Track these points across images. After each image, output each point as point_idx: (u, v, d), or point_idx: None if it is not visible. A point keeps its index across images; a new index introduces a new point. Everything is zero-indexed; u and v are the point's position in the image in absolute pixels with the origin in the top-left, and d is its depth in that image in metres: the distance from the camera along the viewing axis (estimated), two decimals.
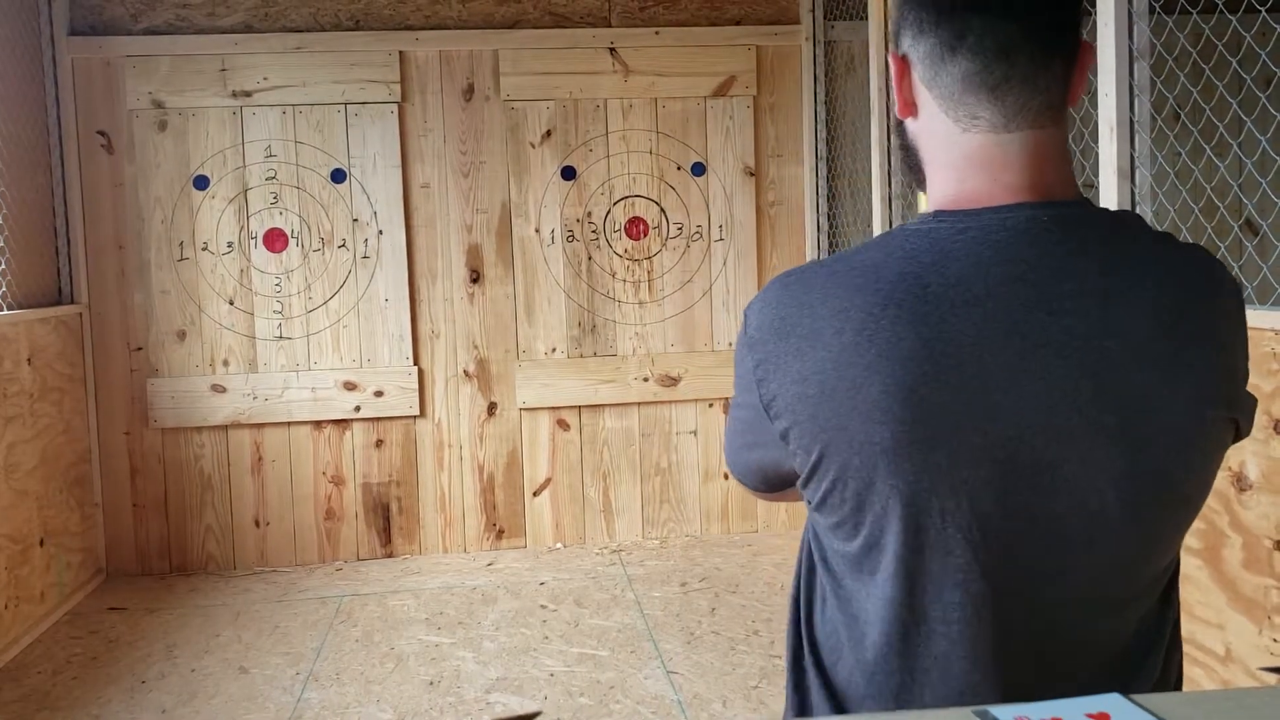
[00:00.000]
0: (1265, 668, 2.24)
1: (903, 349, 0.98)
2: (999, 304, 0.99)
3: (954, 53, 1.02)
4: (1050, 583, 1.05)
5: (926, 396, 0.98)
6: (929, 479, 1.00)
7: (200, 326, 4.98)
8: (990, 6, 1.01)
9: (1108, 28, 2.76)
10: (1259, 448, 2.26)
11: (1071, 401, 0.98)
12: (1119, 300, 1.00)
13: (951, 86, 1.04)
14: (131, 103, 4.90)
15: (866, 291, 1.01)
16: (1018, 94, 1.02)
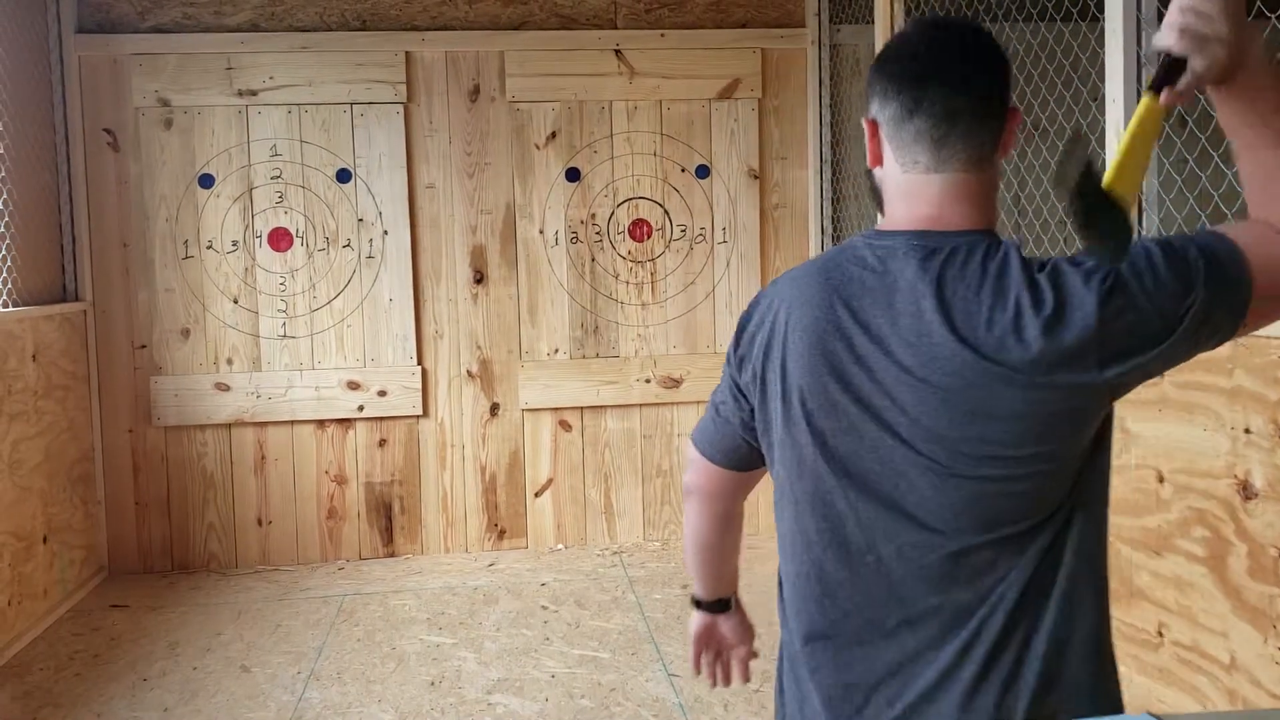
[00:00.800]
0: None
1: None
2: (870, 299, 1.30)
3: (912, 115, 1.30)
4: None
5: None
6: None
7: (204, 325, 4.99)
8: (942, 81, 1.29)
9: (1115, 34, 2.76)
10: (1265, 457, 2.26)
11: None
12: (938, 307, 1.25)
13: (906, 139, 1.32)
14: (138, 100, 4.91)
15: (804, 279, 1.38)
16: (954, 146, 1.30)
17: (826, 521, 1.37)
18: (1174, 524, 2.57)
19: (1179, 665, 2.57)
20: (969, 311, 1.24)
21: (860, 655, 1.37)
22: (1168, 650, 2.61)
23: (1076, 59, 3.36)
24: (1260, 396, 2.27)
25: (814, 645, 1.43)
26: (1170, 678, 2.60)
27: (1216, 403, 2.40)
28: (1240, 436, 2.33)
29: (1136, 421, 2.69)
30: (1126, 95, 2.74)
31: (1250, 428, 2.30)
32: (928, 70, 1.30)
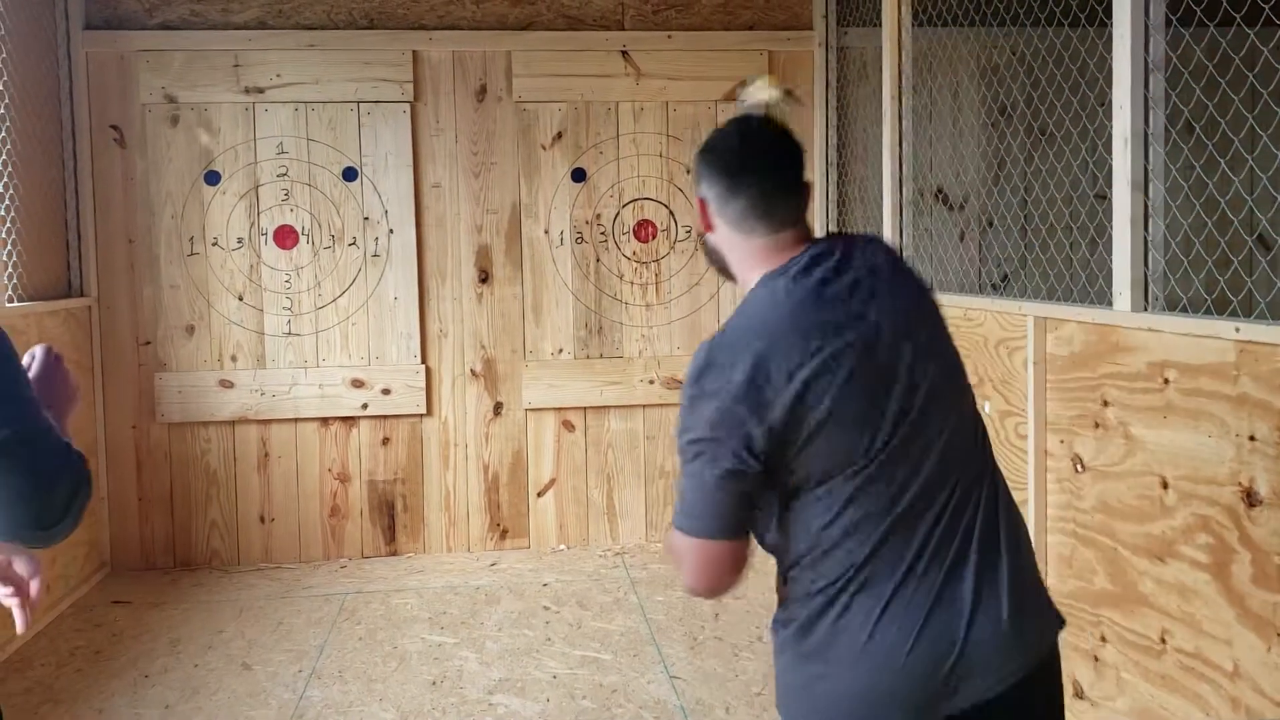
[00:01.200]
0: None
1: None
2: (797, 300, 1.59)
3: (735, 196, 1.66)
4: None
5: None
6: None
7: (209, 322, 4.99)
8: (755, 171, 1.65)
9: (1124, 40, 2.75)
10: (1270, 464, 2.25)
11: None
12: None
13: (735, 215, 1.67)
14: (144, 97, 4.91)
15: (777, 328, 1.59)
16: (777, 216, 1.65)
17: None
18: (1178, 530, 2.56)
19: (1182, 672, 2.56)
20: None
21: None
22: (1171, 657, 2.60)
23: (1084, 64, 3.36)
24: (1266, 404, 2.26)
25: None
26: (1173, 685, 2.59)
27: (1221, 409, 2.40)
28: (1245, 443, 2.32)
29: (1141, 427, 2.69)
30: (1134, 101, 2.74)
31: (1255, 435, 2.29)
32: (756, 170, 1.66)
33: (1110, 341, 2.82)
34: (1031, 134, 4.09)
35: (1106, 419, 2.84)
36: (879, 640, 1.56)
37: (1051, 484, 3.15)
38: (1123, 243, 2.78)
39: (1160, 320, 2.62)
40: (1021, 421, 3.28)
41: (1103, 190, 2.96)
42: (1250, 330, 2.30)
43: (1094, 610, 2.93)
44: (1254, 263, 3.99)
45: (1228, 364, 2.37)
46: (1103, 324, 2.85)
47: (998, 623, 1.58)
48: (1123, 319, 2.76)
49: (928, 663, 1.54)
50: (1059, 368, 3.10)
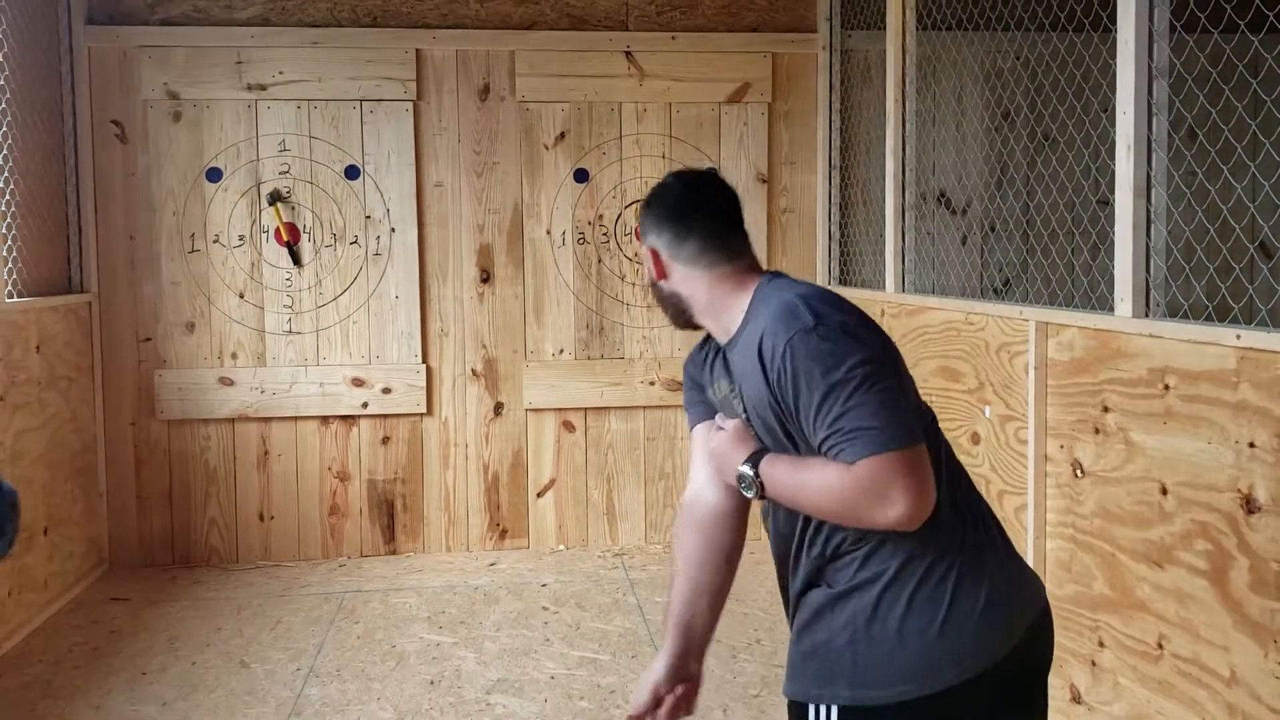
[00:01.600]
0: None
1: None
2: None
3: (687, 237, 1.81)
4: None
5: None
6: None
7: (209, 319, 4.99)
8: (705, 209, 1.83)
9: (1127, 45, 2.75)
10: (1268, 471, 2.25)
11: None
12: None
13: (692, 253, 1.81)
14: (146, 93, 4.91)
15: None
16: (732, 246, 1.82)
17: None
18: (1176, 536, 2.56)
19: (1179, 678, 2.56)
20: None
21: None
22: (1168, 662, 2.60)
23: (1088, 69, 3.36)
24: (1266, 411, 2.26)
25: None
26: (1170, 690, 2.59)
27: (1222, 416, 2.40)
28: (1245, 450, 2.32)
29: (1140, 433, 2.69)
30: (1137, 107, 2.73)
31: (1255, 441, 2.29)
32: (704, 211, 1.84)
33: (1111, 347, 2.82)
34: (1034, 139, 4.09)
35: (1106, 424, 2.84)
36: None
37: (1051, 489, 3.15)
38: (1124, 248, 2.78)
39: (1161, 326, 2.62)
40: (1022, 426, 3.28)
41: (1105, 195, 2.96)
42: (1251, 337, 2.30)
43: (1092, 615, 2.93)
44: (1255, 270, 3.99)
45: (1228, 371, 2.37)
46: (1104, 329, 2.85)
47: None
48: (1124, 325, 2.76)
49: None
50: (1060, 373, 3.10)
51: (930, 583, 1.66)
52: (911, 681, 1.64)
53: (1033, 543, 3.20)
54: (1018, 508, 3.32)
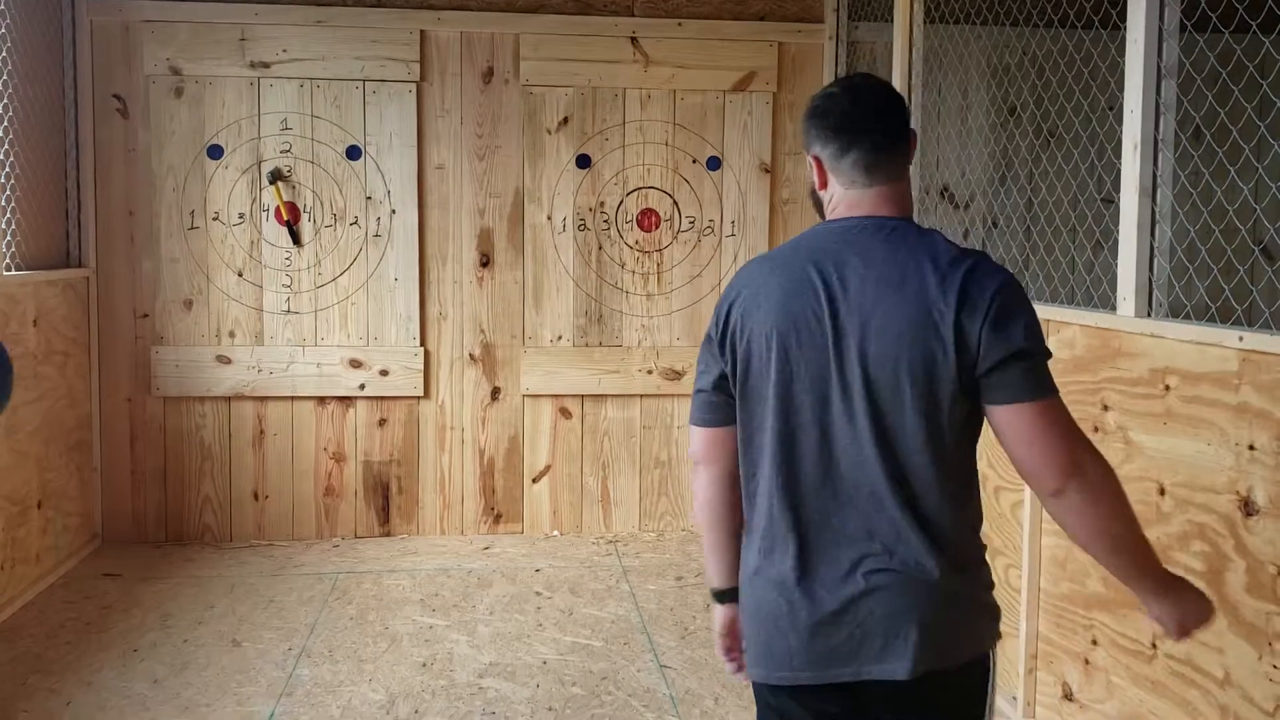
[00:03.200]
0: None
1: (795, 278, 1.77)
2: (821, 265, 1.74)
3: (845, 156, 1.80)
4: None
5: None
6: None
7: (208, 296, 4.97)
8: (863, 134, 1.78)
9: (1137, 44, 2.74)
10: (1267, 473, 2.25)
11: (846, 307, 1.71)
12: (866, 263, 1.72)
13: (845, 171, 1.80)
14: (149, 68, 4.89)
15: (774, 268, 1.81)
16: (878, 171, 1.79)
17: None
18: (1173, 537, 2.56)
19: (1172, 678, 2.56)
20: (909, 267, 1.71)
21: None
22: (1161, 662, 2.60)
23: (1096, 67, 3.34)
24: (1266, 413, 2.26)
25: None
26: (1163, 690, 2.60)
27: (1222, 418, 2.39)
28: (1244, 452, 2.32)
29: (1140, 433, 2.68)
30: (1145, 106, 2.72)
31: (1255, 444, 2.29)
32: (855, 123, 1.80)
33: (1112, 346, 2.81)
34: (1040, 135, 4.08)
35: (1106, 423, 2.84)
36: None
37: None
38: (1128, 247, 2.77)
39: (1163, 326, 2.62)
40: None
41: (1109, 194, 2.95)
42: (1254, 340, 2.30)
43: (1086, 613, 2.94)
44: (1259, 272, 3.98)
45: (1230, 372, 2.37)
46: (1105, 328, 2.85)
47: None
48: (1126, 324, 2.76)
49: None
50: (1060, 371, 3.08)
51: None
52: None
53: (1028, 540, 3.20)
54: (1014, 504, 3.32)
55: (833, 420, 1.71)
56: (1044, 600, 3.18)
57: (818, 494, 1.73)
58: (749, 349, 1.77)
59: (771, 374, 1.74)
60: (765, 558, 1.77)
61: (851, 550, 1.71)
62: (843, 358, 1.69)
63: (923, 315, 1.66)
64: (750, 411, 1.78)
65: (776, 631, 1.75)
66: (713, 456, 1.88)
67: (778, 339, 1.73)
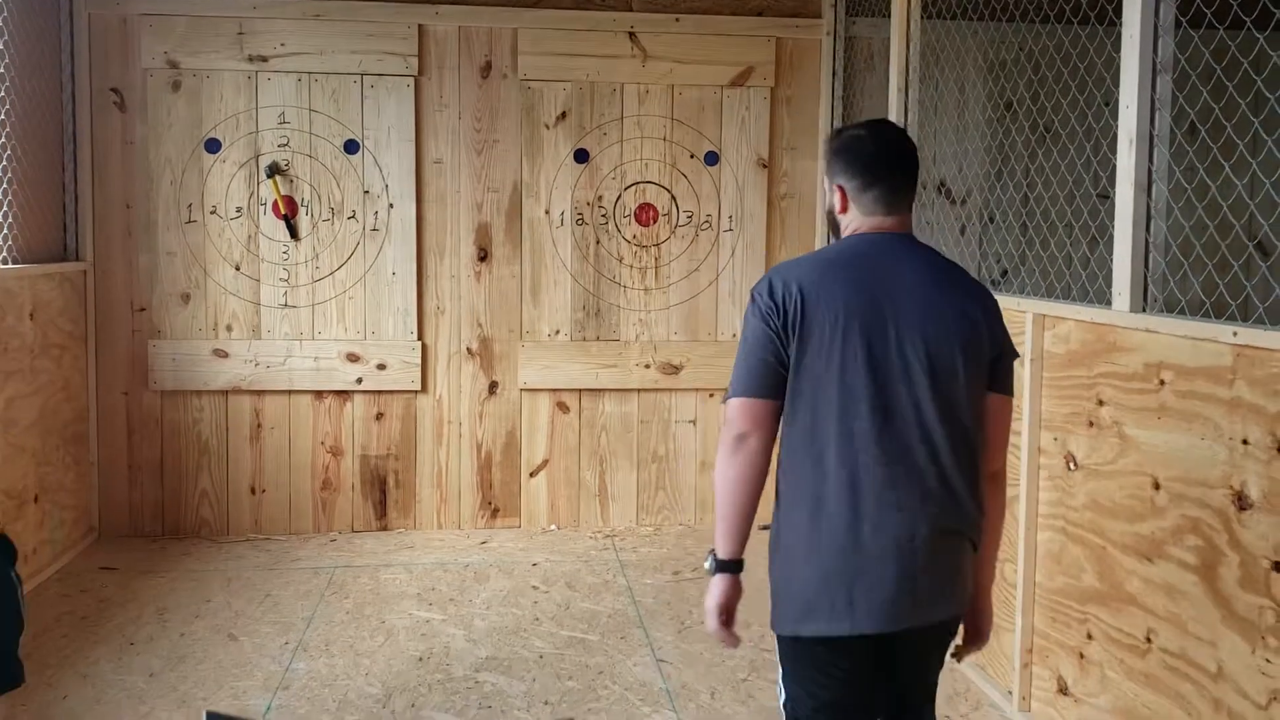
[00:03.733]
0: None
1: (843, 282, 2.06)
2: (875, 263, 2.09)
3: (867, 191, 2.14)
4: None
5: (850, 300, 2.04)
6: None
7: (205, 290, 4.97)
8: (888, 171, 2.13)
9: (1132, 40, 2.74)
10: (1261, 468, 2.26)
11: (905, 296, 2.05)
12: (912, 266, 2.10)
13: (866, 204, 2.15)
14: (146, 61, 4.88)
15: (823, 267, 2.11)
16: (895, 206, 2.15)
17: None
18: (1168, 531, 2.57)
19: (1166, 672, 2.57)
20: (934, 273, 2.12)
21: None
22: (1155, 656, 2.61)
23: (1091, 63, 3.35)
24: (1260, 408, 2.26)
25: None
26: (1156, 684, 2.61)
27: (1216, 412, 2.40)
28: (1238, 447, 2.33)
29: (1135, 428, 2.69)
30: (1140, 101, 2.73)
31: (1248, 439, 2.30)
32: (878, 165, 2.14)
33: (1107, 341, 2.82)
34: (1036, 131, 4.09)
35: (1101, 418, 2.85)
36: None
37: (1043, 481, 3.16)
38: (1124, 243, 2.78)
39: (1158, 321, 2.63)
40: (1015, 418, 3.28)
41: (1105, 189, 2.95)
42: (1248, 335, 2.30)
43: (1081, 607, 2.94)
44: (1253, 268, 3.99)
45: (1224, 367, 2.37)
46: (1100, 323, 2.85)
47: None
48: (1121, 319, 2.77)
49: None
50: (1055, 365, 3.10)
51: None
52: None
53: (1024, 534, 3.21)
54: (1010, 499, 3.32)
55: (897, 392, 1.99)
56: (1039, 595, 3.19)
57: (879, 459, 1.97)
58: (819, 333, 2.00)
59: (837, 354, 1.99)
60: (833, 519, 1.99)
61: (908, 509, 1.98)
62: (901, 338, 2.00)
63: (965, 321, 2.05)
64: (816, 387, 2.00)
65: (840, 586, 1.98)
66: (762, 427, 2.04)
67: (844, 321, 1.99)
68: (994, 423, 2.11)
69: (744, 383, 2.04)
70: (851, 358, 1.98)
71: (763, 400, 2.03)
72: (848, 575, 1.98)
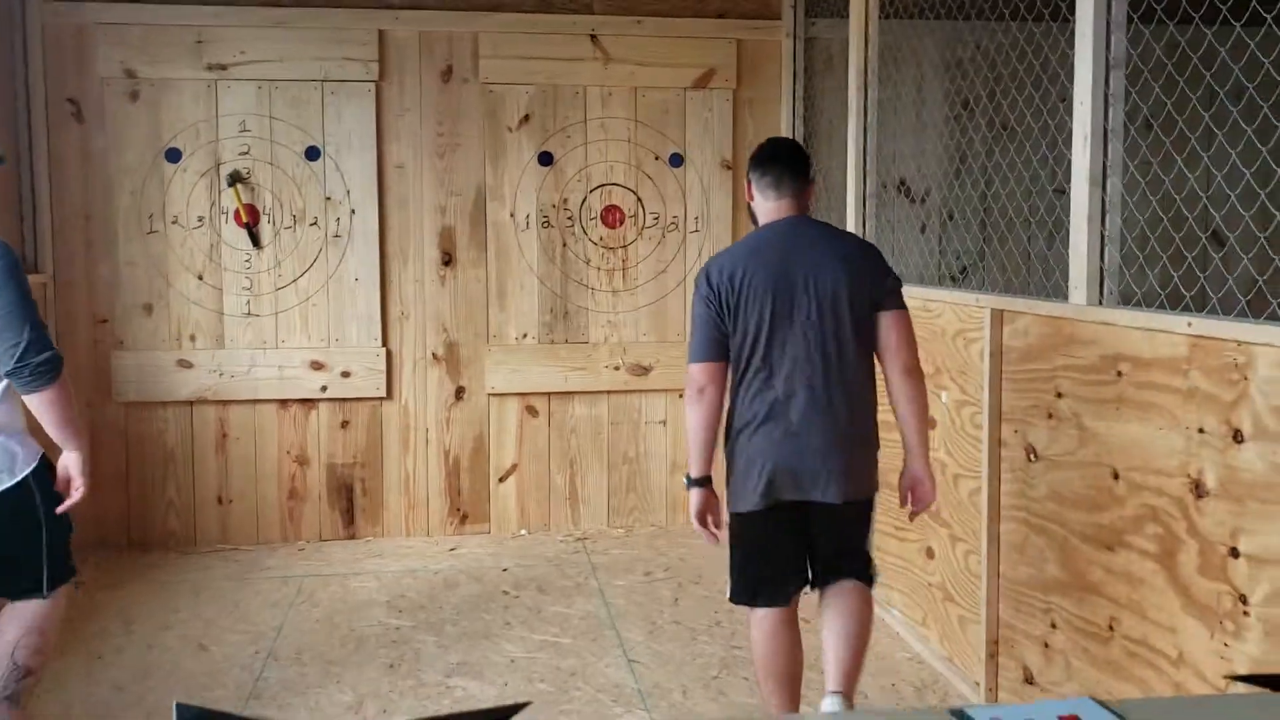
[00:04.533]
0: (1234, 676, 2.28)
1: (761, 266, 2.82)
2: (780, 247, 2.83)
3: (762, 178, 2.91)
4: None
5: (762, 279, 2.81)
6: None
7: (168, 300, 4.94)
8: (773, 162, 2.91)
9: (1085, 37, 2.78)
10: (1217, 456, 2.30)
11: (806, 262, 2.81)
12: (810, 240, 2.85)
13: (762, 188, 2.91)
14: (103, 71, 4.84)
15: (746, 248, 2.89)
16: (783, 189, 2.89)
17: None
18: (1128, 520, 2.60)
19: (1128, 659, 2.61)
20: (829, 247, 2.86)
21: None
22: (1118, 644, 2.65)
23: (1046, 60, 3.39)
24: (1215, 397, 2.30)
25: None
26: (1119, 671, 2.64)
27: (1172, 402, 2.44)
28: (1194, 436, 2.37)
29: (1093, 419, 2.73)
30: (1094, 97, 2.77)
31: (1204, 427, 2.34)
32: (776, 163, 2.93)
33: (1065, 334, 2.86)
34: (993, 128, 4.13)
35: (1060, 410, 2.88)
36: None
37: (1005, 473, 3.19)
38: (1080, 237, 2.82)
39: (1114, 314, 2.66)
40: (977, 411, 3.32)
41: (1061, 185, 2.99)
42: (1202, 325, 2.34)
43: (1045, 597, 2.98)
44: (1207, 259, 4.05)
45: (1179, 358, 2.41)
46: (1058, 317, 2.89)
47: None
48: (1078, 312, 2.80)
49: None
50: (1014, 359, 3.14)
51: None
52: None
53: (986, 526, 3.25)
54: (972, 491, 3.36)
55: (809, 346, 2.76)
56: (1004, 586, 3.22)
57: (803, 388, 2.76)
58: (747, 307, 2.78)
59: (770, 323, 2.77)
60: (766, 430, 2.79)
61: (819, 421, 2.76)
62: (808, 295, 2.77)
63: (850, 273, 2.79)
64: (757, 345, 2.78)
65: (772, 467, 2.78)
66: (715, 382, 2.82)
67: (768, 299, 2.77)
68: (895, 331, 2.79)
69: (700, 350, 2.83)
70: (770, 322, 2.76)
71: (714, 362, 2.82)
72: (770, 468, 2.78)
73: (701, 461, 2.84)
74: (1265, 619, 2.17)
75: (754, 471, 2.79)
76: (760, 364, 2.78)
